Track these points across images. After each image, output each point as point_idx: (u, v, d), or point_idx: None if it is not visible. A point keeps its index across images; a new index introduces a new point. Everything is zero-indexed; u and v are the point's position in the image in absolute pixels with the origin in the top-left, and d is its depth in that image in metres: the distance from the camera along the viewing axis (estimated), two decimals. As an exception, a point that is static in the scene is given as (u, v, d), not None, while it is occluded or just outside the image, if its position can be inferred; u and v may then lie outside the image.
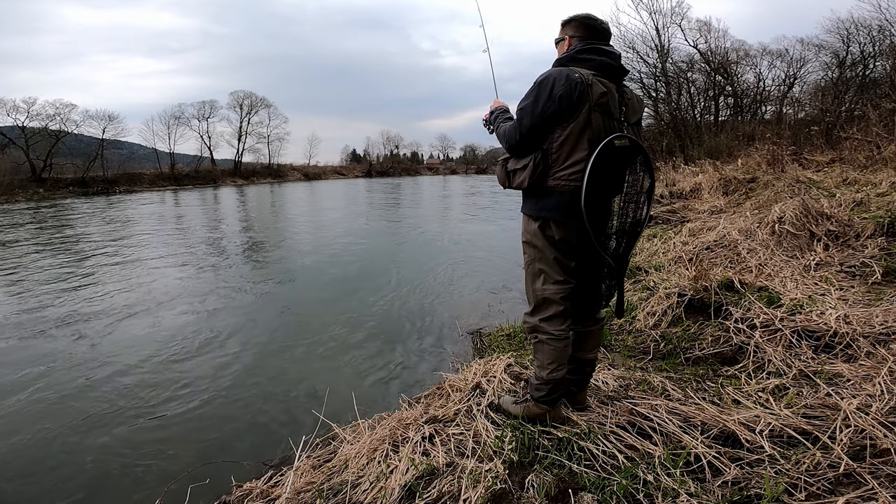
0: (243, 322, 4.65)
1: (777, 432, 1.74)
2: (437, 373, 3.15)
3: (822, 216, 4.55)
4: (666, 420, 1.84)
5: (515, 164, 1.78)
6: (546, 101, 1.63)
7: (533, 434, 1.80)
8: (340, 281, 6.37)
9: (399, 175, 56.66)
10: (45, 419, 2.95)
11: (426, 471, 1.70)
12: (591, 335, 1.94)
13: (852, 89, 15.97)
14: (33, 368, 3.66)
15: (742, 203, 7.42)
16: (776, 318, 2.72)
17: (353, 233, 10.87)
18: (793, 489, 1.44)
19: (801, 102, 17.81)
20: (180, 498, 2.06)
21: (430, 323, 4.51)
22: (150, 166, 39.41)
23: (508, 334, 3.67)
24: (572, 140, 1.64)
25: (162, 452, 2.59)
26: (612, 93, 1.66)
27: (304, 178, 47.44)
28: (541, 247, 1.78)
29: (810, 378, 2.20)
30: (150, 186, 34.05)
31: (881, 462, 1.50)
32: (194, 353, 3.92)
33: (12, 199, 24.65)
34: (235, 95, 44.91)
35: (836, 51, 17.51)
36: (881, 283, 3.34)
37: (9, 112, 30.88)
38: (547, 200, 1.71)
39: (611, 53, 1.72)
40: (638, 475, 1.54)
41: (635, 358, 2.84)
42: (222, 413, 3.00)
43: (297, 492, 1.82)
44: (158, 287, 6.03)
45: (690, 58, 19.39)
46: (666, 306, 3.24)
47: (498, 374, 2.35)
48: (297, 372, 3.56)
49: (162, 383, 3.38)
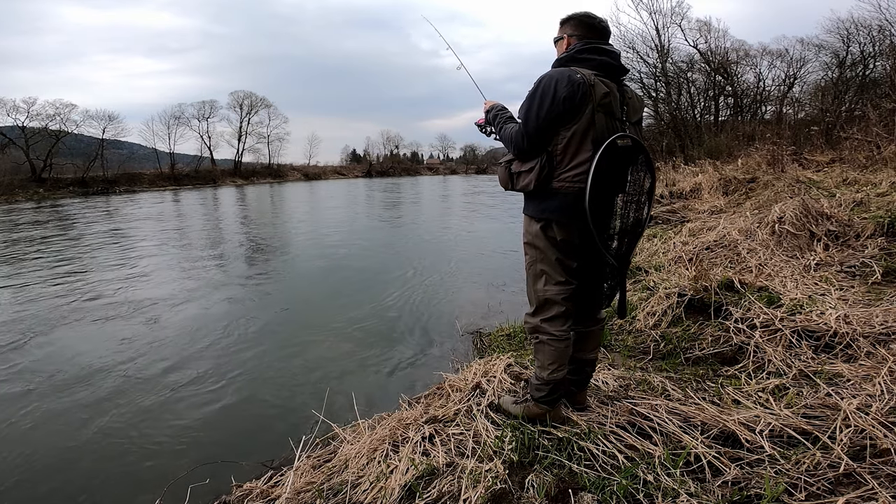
0: (243, 322, 4.65)
1: (777, 432, 1.74)
2: (437, 373, 3.15)
3: (822, 216, 4.55)
4: (666, 420, 1.84)
5: (520, 167, 1.75)
6: (550, 104, 1.61)
7: (533, 434, 1.80)
8: (340, 281, 6.37)
9: (399, 175, 56.64)
10: (44, 419, 2.95)
11: (426, 471, 1.70)
12: (592, 335, 1.93)
13: (852, 89, 15.98)
14: (33, 368, 3.66)
15: (742, 203, 7.42)
16: (776, 318, 2.71)
17: (353, 233, 10.87)
18: (793, 489, 1.44)
19: (801, 102, 17.84)
20: (180, 498, 2.06)
21: (430, 323, 4.51)
22: (150, 166, 39.42)
23: (508, 334, 3.67)
24: (576, 141, 1.63)
25: (162, 452, 2.59)
26: (613, 92, 1.65)
27: (304, 178, 47.45)
28: (542, 248, 1.78)
29: (810, 378, 2.19)
30: (150, 186, 34.06)
31: (881, 462, 1.49)
32: (193, 353, 3.92)
33: (12, 199, 24.65)
34: (235, 95, 45.02)
35: (836, 51, 17.54)
36: (881, 283, 3.34)
37: (9, 112, 30.98)
38: (550, 202, 1.70)
39: (611, 52, 1.71)
40: (638, 475, 1.54)
41: (635, 358, 2.83)
42: (222, 413, 3.00)
43: (297, 492, 1.82)
44: (156, 287, 6.03)
45: (690, 58, 19.42)
46: (666, 306, 3.24)
47: (498, 374, 2.35)
48: (296, 372, 3.56)
49: (161, 383, 3.38)
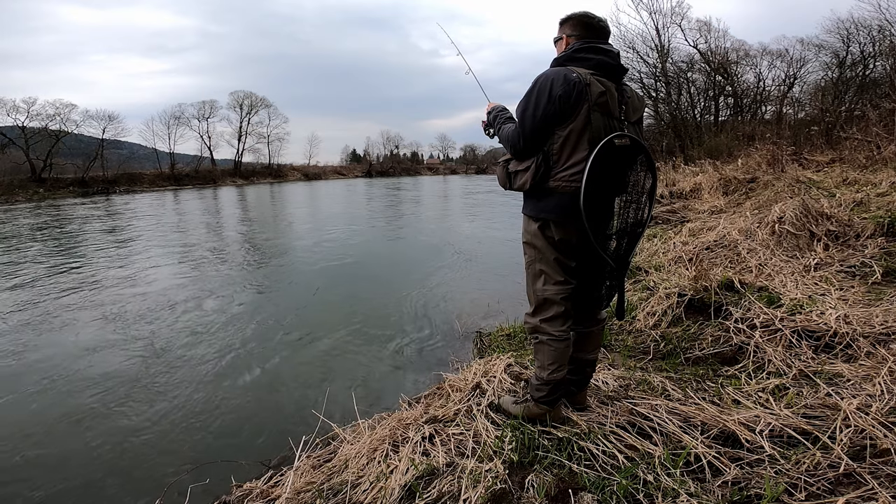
0: (243, 322, 4.65)
1: (777, 432, 1.74)
2: (437, 373, 3.15)
3: (822, 216, 4.54)
4: (666, 420, 1.84)
5: (517, 166, 1.77)
6: (546, 104, 1.62)
7: (533, 434, 1.80)
8: (340, 281, 6.37)
9: (399, 175, 56.65)
10: (44, 419, 2.95)
11: (426, 471, 1.70)
12: (593, 336, 1.93)
13: (852, 89, 15.99)
14: (33, 369, 3.66)
15: (742, 203, 7.42)
16: (776, 318, 2.71)
17: (353, 233, 10.87)
18: (793, 489, 1.43)
19: (801, 102, 17.85)
20: (180, 498, 2.06)
21: (430, 323, 4.51)
22: (150, 166, 39.42)
23: (508, 334, 3.66)
24: (573, 140, 1.63)
25: (162, 452, 2.59)
26: (611, 91, 1.65)
27: (304, 178, 47.46)
28: (541, 247, 1.78)
29: (810, 378, 2.19)
30: (150, 186, 34.06)
31: (881, 462, 1.49)
32: (192, 353, 3.92)
33: (12, 200, 24.65)
34: (235, 95, 45.03)
35: (836, 51, 17.55)
36: (881, 283, 3.34)
37: (9, 112, 30.98)
38: (547, 201, 1.70)
39: (608, 52, 1.70)
40: (638, 475, 1.54)
41: (635, 358, 2.83)
42: (222, 413, 3.00)
43: (297, 492, 1.82)
44: (155, 288, 6.03)
45: (690, 58, 19.43)
46: (666, 306, 3.24)
47: (498, 374, 2.35)
48: (297, 372, 3.56)
49: (161, 383, 3.38)
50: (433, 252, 8.17)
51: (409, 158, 67.94)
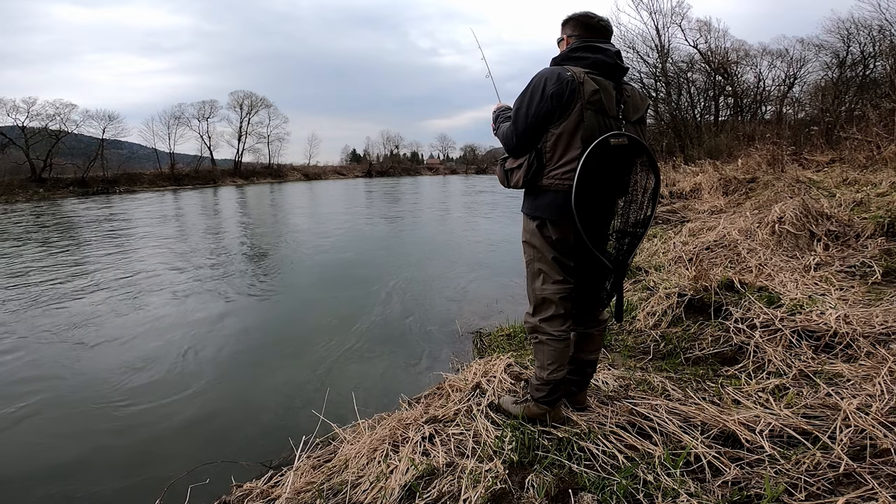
0: (243, 322, 4.65)
1: (777, 432, 1.74)
2: (437, 373, 3.15)
3: (822, 216, 4.55)
4: (666, 420, 1.84)
5: (512, 164, 1.78)
6: (539, 101, 1.62)
7: (533, 434, 1.80)
8: (340, 281, 6.37)
9: (399, 175, 56.65)
10: (44, 420, 2.95)
11: (426, 471, 1.70)
12: (593, 337, 1.92)
13: (852, 89, 15.97)
14: (32, 368, 3.66)
15: (742, 203, 7.42)
16: (776, 318, 2.71)
17: (353, 233, 10.87)
18: (793, 489, 1.43)
19: (801, 102, 17.84)
20: (180, 498, 2.06)
21: (430, 323, 4.51)
22: (150, 166, 39.42)
23: (508, 334, 3.66)
24: (565, 139, 1.62)
25: (162, 452, 2.59)
26: (606, 90, 1.63)
27: (304, 178, 47.46)
28: (539, 247, 1.77)
29: (810, 378, 2.19)
30: (150, 186, 34.04)
31: (881, 462, 1.49)
32: (193, 353, 3.92)
33: (12, 199, 24.64)
34: (235, 95, 45.02)
35: (837, 51, 17.53)
36: (881, 283, 3.34)
37: (9, 112, 30.95)
38: (542, 200, 1.70)
39: (605, 50, 1.68)
40: (638, 475, 1.53)
41: (635, 358, 2.83)
42: (223, 413, 3.00)
43: (297, 492, 1.82)
44: (155, 287, 6.03)
45: (690, 58, 19.40)
46: (666, 306, 3.24)
47: (498, 374, 2.35)
48: (297, 372, 3.56)
49: (161, 384, 3.38)
50: (433, 252, 8.17)
51: (409, 158, 67.92)
